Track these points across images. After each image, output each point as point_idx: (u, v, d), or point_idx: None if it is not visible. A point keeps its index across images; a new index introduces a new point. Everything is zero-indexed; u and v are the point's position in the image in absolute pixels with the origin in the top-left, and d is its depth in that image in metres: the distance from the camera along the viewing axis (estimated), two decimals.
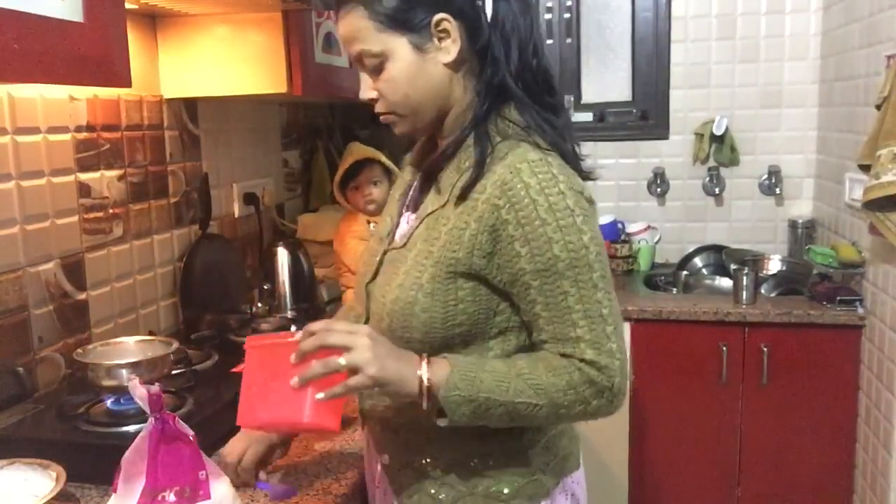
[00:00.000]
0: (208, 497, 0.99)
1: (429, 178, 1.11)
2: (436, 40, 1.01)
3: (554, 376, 0.98)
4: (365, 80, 1.06)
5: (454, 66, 1.03)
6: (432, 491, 1.07)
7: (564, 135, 1.05)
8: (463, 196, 1.00)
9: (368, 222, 2.18)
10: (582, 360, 0.98)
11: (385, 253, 1.11)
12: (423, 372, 0.96)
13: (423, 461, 1.08)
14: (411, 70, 1.02)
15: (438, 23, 1.00)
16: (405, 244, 1.07)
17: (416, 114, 1.05)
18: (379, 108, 1.07)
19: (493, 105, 1.04)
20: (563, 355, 0.99)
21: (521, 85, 1.04)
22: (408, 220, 1.13)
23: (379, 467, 1.17)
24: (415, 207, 1.13)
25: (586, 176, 1.07)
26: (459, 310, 1.01)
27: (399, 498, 1.11)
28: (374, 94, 1.06)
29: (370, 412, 1.14)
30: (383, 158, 2.30)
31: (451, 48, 1.01)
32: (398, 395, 0.98)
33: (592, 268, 0.97)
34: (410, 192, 1.17)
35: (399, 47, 1.01)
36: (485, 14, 1.02)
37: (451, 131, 1.07)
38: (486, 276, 1.00)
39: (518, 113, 1.04)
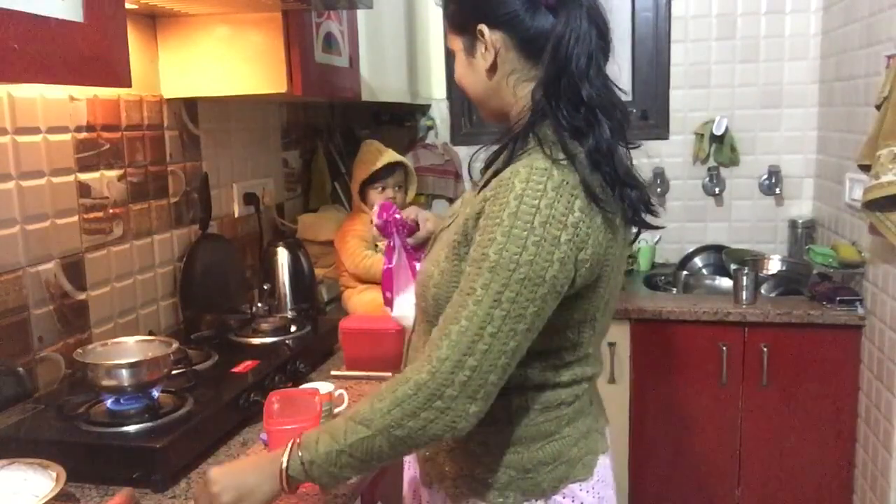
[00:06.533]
0: None
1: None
2: (481, 46, 1.08)
3: (378, 402, 0.97)
4: None
5: (492, 72, 1.09)
6: (447, 469, 1.13)
7: (594, 164, 1.00)
8: (482, 189, 1.04)
9: (371, 221, 2.18)
10: (430, 358, 0.95)
11: (441, 231, 1.18)
12: (284, 461, 1.00)
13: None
14: (463, 68, 1.13)
15: (480, 31, 1.07)
16: (449, 225, 1.14)
17: (479, 105, 1.16)
18: None
19: (544, 114, 1.03)
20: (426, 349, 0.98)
21: (559, 105, 1.02)
22: None
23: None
24: None
25: (640, 222, 1.06)
26: None
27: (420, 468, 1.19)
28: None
29: None
30: (410, 165, 2.32)
31: (486, 56, 1.08)
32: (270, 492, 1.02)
33: (509, 285, 0.93)
34: None
35: (457, 47, 1.13)
36: (546, 28, 1.03)
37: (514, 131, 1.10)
38: None
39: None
